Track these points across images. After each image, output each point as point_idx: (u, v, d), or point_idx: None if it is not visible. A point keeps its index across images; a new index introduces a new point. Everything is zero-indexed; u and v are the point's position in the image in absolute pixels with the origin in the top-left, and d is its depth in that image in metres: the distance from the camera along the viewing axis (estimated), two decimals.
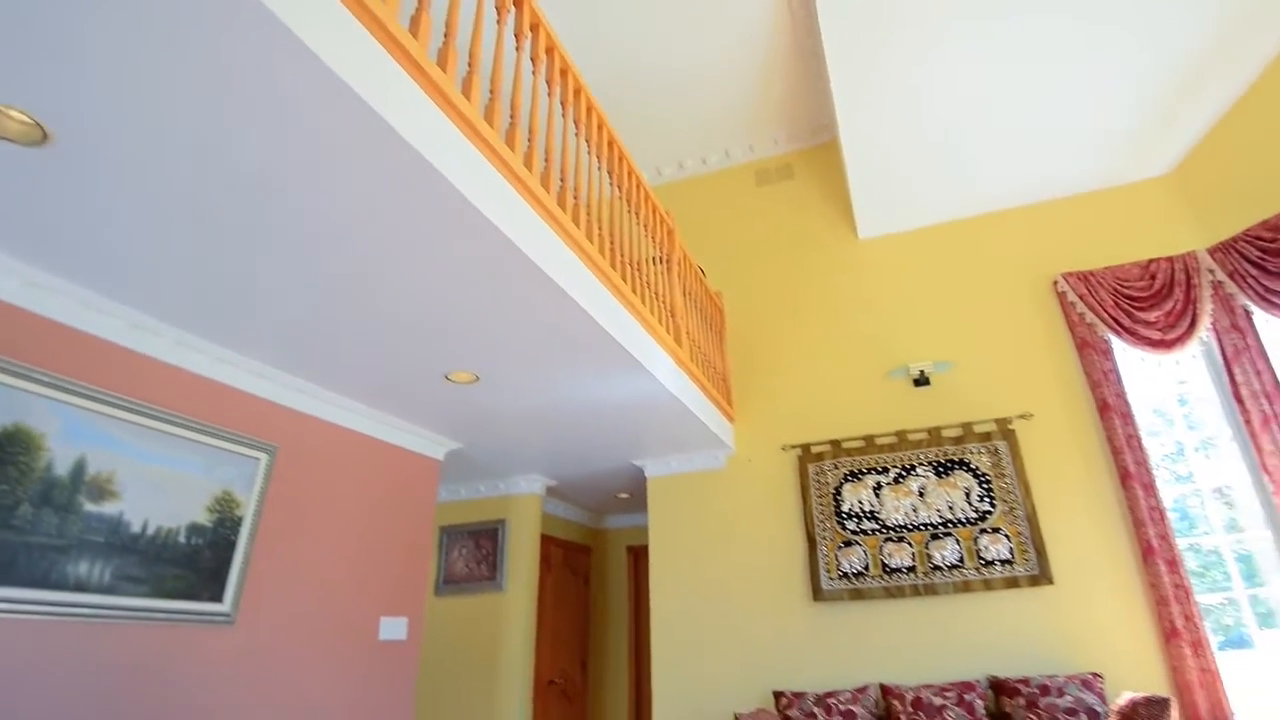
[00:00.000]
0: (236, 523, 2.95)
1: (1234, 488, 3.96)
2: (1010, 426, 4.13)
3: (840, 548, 4.11)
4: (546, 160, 2.61)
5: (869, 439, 4.33)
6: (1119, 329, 4.14)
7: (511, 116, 2.39)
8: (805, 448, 4.45)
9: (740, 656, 4.12)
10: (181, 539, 2.73)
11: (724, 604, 4.27)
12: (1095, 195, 4.66)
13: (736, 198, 5.66)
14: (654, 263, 3.90)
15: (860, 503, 4.18)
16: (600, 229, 3.01)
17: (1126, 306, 4.19)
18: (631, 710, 6.05)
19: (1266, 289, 3.86)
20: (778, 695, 3.70)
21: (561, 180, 2.74)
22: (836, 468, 4.31)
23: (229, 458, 2.96)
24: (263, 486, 3.09)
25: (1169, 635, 3.51)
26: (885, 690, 3.60)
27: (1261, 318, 3.93)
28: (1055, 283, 4.43)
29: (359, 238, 2.19)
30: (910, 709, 3.41)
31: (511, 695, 4.52)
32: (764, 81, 5.16)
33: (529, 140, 2.54)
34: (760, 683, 4.00)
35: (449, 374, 3.26)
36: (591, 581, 6.57)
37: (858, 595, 3.97)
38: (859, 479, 4.24)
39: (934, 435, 4.24)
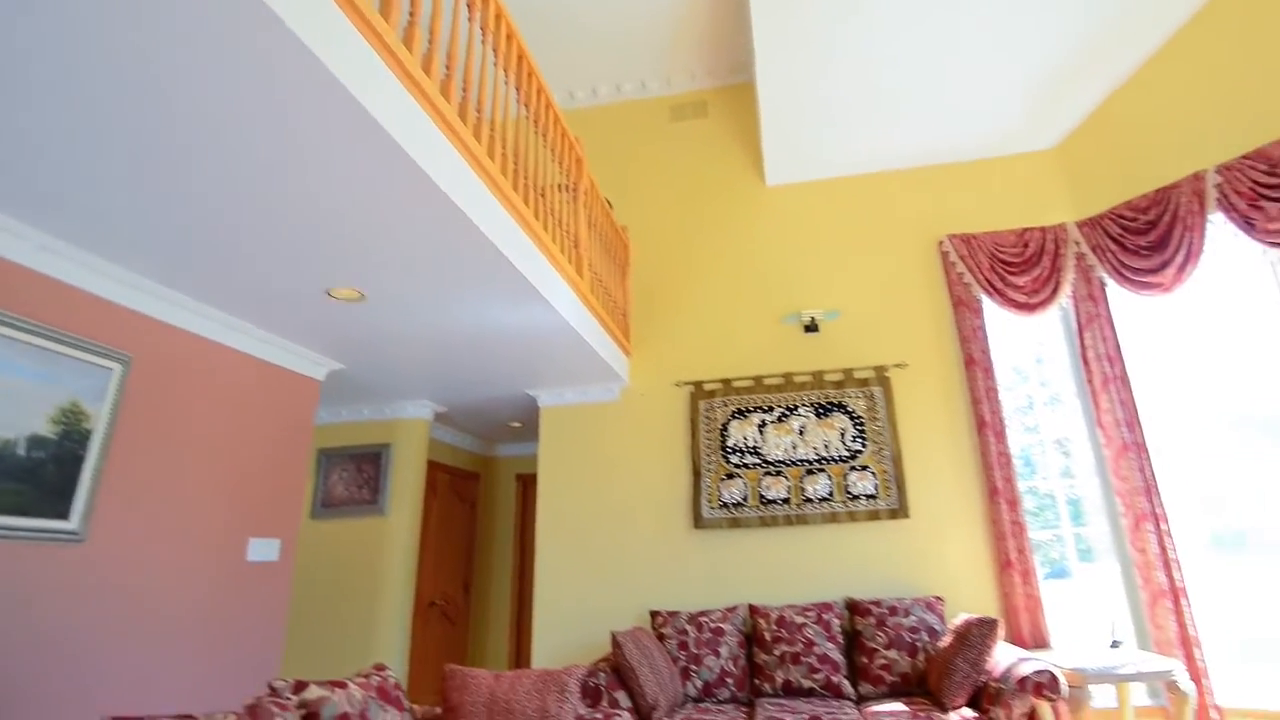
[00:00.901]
0: (85, 436, 2.75)
1: (1072, 440, 4.51)
2: (887, 374, 4.49)
3: (723, 480, 4.39)
4: (448, 68, 2.48)
5: (758, 379, 4.58)
6: (991, 290, 4.52)
7: (411, 13, 2.25)
8: (698, 385, 4.66)
9: (622, 581, 4.37)
10: (20, 451, 2.52)
11: (609, 531, 4.49)
12: (985, 163, 4.97)
13: (649, 131, 5.62)
14: (560, 190, 3.84)
15: (745, 439, 4.46)
16: (504, 149, 2.92)
17: (1000, 270, 4.57)
18: (512, 630, 6.32)
19: (1122, 264, 4.32)
20: (654, 615, 3.98)
21: (464, 92, 2.63)
22: (726, 405, 4.55)
23: (77, 366, 2.74)
24: (116, 399, 2.89)
25: (1003, 565, 4.03)
26: (753, 610, 3.94)
27: (1114, 289, 4.40)
28: (940, 243, 4.74)
29: (236, 140, 2.02)
30: (775, 626, 3.77)
31: (392, 616, 4.60)
32: (688, 10, 5.07)
33: (429, 43, 2.40)
34: (640, 605, 4.28)
35: (331, 290, 3.12)
36: (479, 508, 6.68)
37: (736, 524, 4.29)
38: (746, 416, 4.51)
39: (818, 379, 4.54)
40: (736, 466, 4.41)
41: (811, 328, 4.64)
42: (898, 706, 3.26)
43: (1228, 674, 3.71)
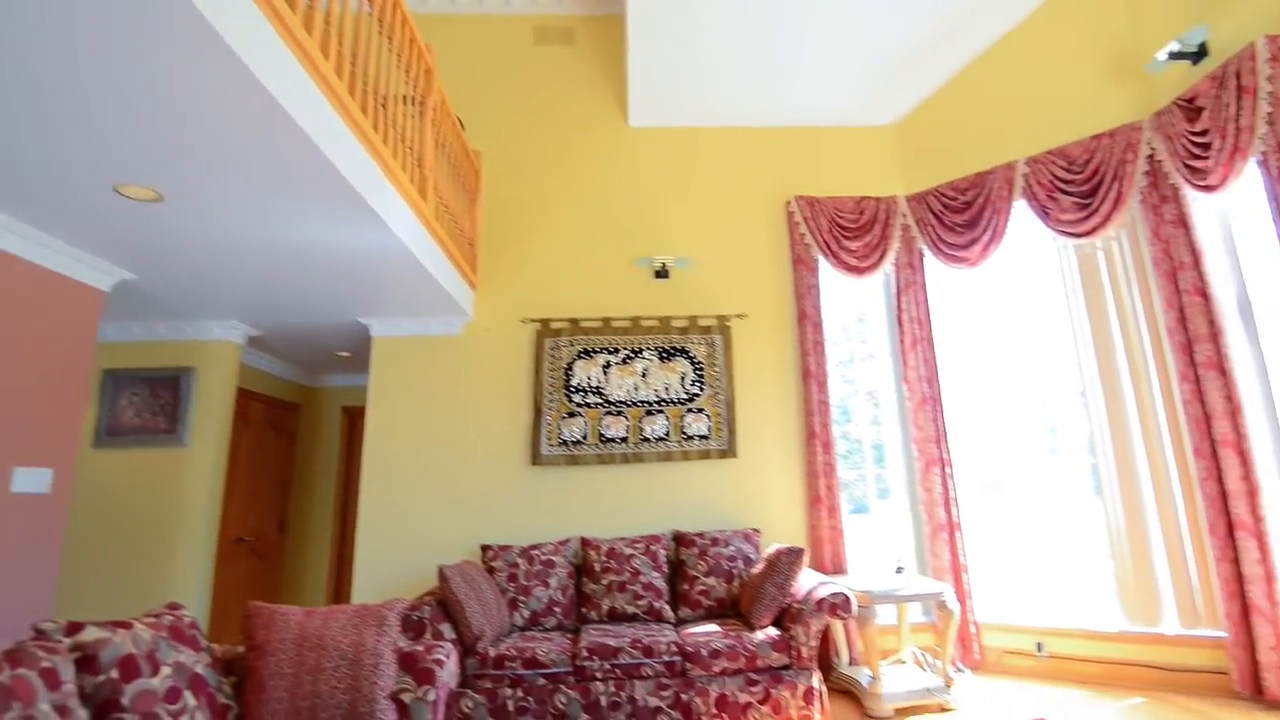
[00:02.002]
0: None
1: (881, 392, 5.07)
2: (728, 323, 4.76)
3: (564, 418, 4.48)
4: None
5: (606, 321, 4.67)
6: (828, 251, 4.90)
7: None
8: (544, 323, 4.66)
9: (454, 516, 4.36)
10: None
11: (442, 467, 4.43)
12: (834, 131, 5.29)
13: (510, 51, 5.37)
14: (405, 103, 3.59)
15: (589, 379, 4.56)
16: (340, 45, 2.67)
17: (838, 233, 4.95)
18: (333, 569, 6.11)
19: (940, 238, 4.83)
20: (485, 549, 4.03)
21: None
22: (572, 344, 4.61)
23: None
24: None
25: (814, 501, 4.51)
26: (585, 542, 4.12)
27: (930, 260, 4.93)
28: (788, 203, 5.04)
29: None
30: (604, 558, 3.97)
31: (192, 554, 4.26)
32: None
33: None
34: (472, 540, 4.31)
35: (120, 186, 2.72)
36: (299, 440, 6.29)
37: (573, 461, 4.41)
38: (591, 357, 4.60)
39: (664, 324, 4.72)
40: (579, 405, 4.51)
41: (662, 273, 4.78)
42: (712, 627, 3.59)
43: (986, 595, 4.45)
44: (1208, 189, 3.74)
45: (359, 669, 2.52)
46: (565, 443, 4.45)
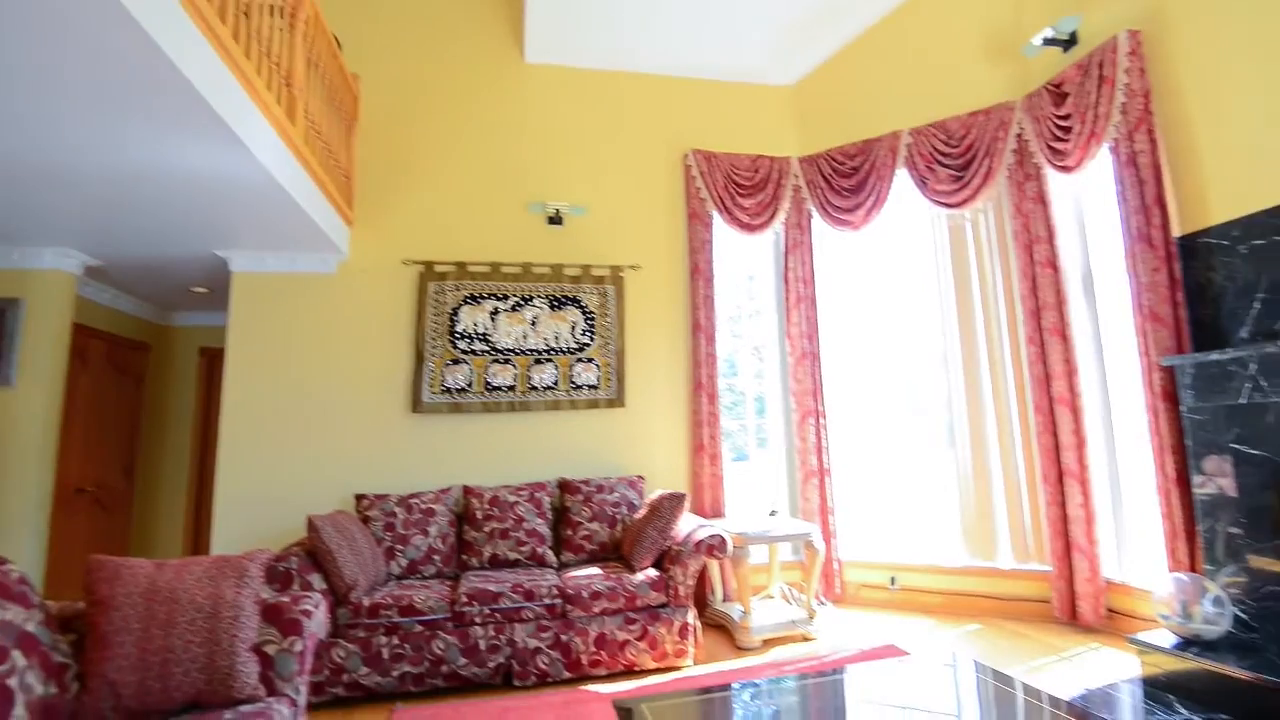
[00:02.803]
0: None
1: (765, 347, 5.30)
2: (621, 274, 4.78)
3: (448, 365, 4.38)
4: None
5: (495, 266, 4.56)
6: (722, 208, 4.98)
7: None
8: (429, 265, 4.49)
9: (327, 465, 4.19)
10: None
11: (313, 413, 4.23)
12: (735, 87, 5.32)
13: None
14: (272, 13, 3.27)
15: (476, 325, 4.46)
16: None
17: (732, 190, 5.04)
18: (190, 521, 5.74)
19: (827, 200, 5.03)
20: (359, 498, 3.92)
21: None
22: (458, 289, 4.48)
23: None
24: None
25: (696, 450, 4.69)
26: (467, 490, 4.09)
27: (818, 222, 5.12)
28: (686, 156, 5.06)
29: None
30: (487, 505, 3.98)
31: (22, 505, 3.85)
32: None
33: None
34: (346, 489, 4.17)
35: None
36: (149, 383, 5.80)
37: (457, 409, 4.34)
38: (478, 303, 4.49)
39: (556, 271, 4.67)
40: (464, 353, 4.42)
41: (556, 220, 4.71)
42: (593, 570, 3.70)
43: (849, 535, 4.85)
44: (1065, 170, 4.09)
45: (217, 622, 2.41)
46: (449, 390, 4.36)
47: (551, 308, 4.61)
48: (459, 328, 4.44)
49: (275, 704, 2.21)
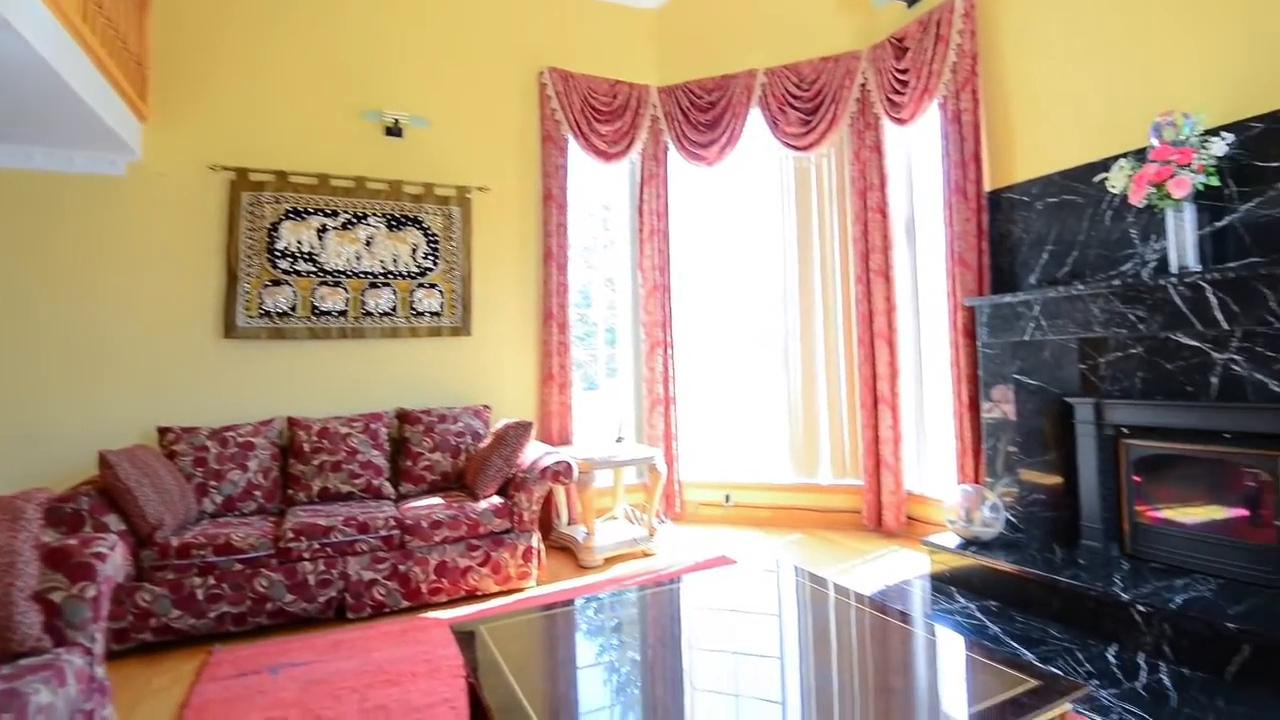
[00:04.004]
0: None
1: (618, 279, 5.31)
2: (468, 195, 4.52)
3: (266, 286, 3.95)
4: None
5: (323, 178, 4.13)
6: (578, 132, 4.82)
7: None
8: (242, 173, 3.96)
9: (121, 396, 3.68)
10: None
11: (101, 337, 3.67)
12: (597, 6, 5.07)
13: None
14: None
15: (300, 243, 4.05)
16: None
17: (589, 114, 4.88)
18: None
19: (683, 134, 5.01)
20: (163, 431, 3.51)
21: None
22: (278, 202, 4.02)
23: None
24: None
25: (545, 379, 4.66)
26: (293, 422, 3.79)
27: (673, 155, 5.11)
28: (541, 74, 4.81)
29: None
30: (315, 438, 3.72)
31: None
32: None
33: None
34: (146, 422, 3.70)
35: None
36: None
37: (279, 334, 3.96)
38: (303, 218, 4.07)
39: (394, 189, 4.32)
40: (286, 273, 4.00)
41: (394, 131, 4.33)
42: (434, 500, 3.61)
43: (690, 458, 5.11)
44: (900, 122, 4.35)
45: None
46: (268, 314, 3.95)
47: (389, 228, 4.28)
48: (280, 245, 4.00)
49: (65, 654, 1.98)
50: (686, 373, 5.18)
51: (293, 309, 3.99)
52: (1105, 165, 3.28)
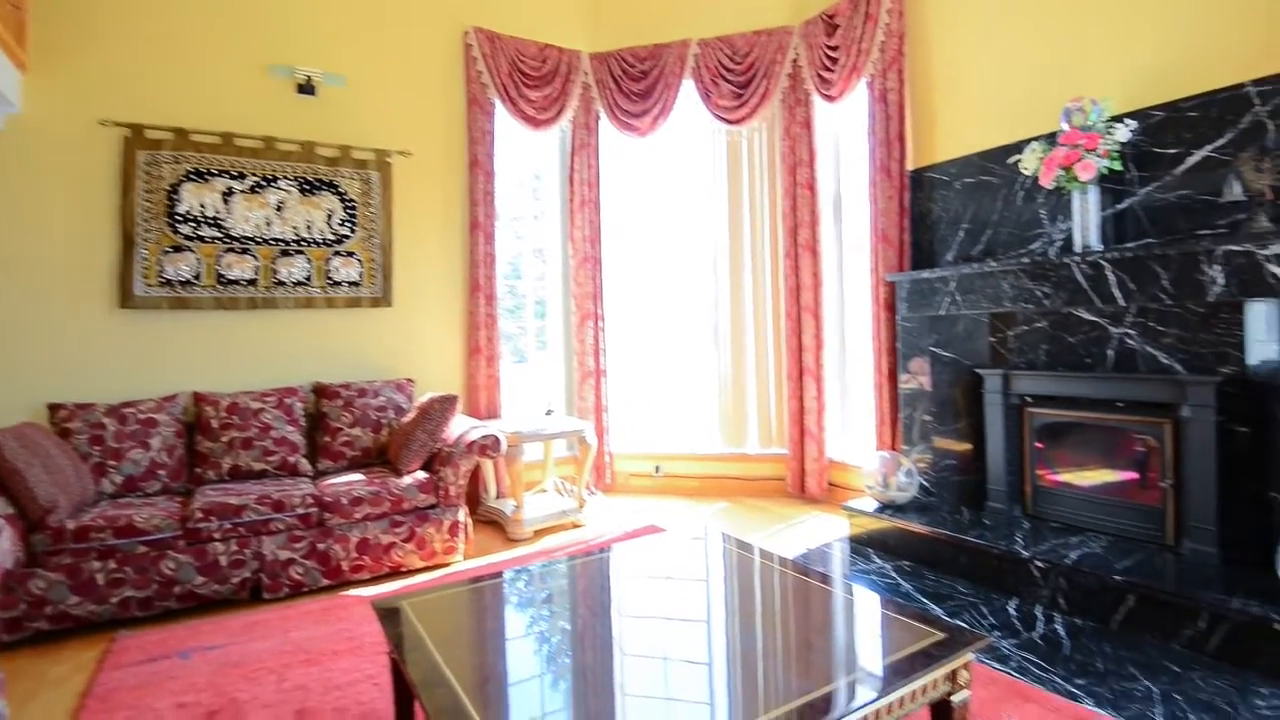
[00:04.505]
0: None
1: (548, 250, 5.23)
2: (388, 160, 4.33)
3: (167, 252, 3.68)
4: None
5: (228, 137, 3.86)
6: (506, 97, 4.68)
7: None
8: (137, 129, 3.65)
9: (1, 369, 3.40)
10: None
11: None
12: None
13: None
14: None
15: (203, 207, 3.78)
16: None
17: (518, 79, 4.74)
18: None
19: (616, 103, 4.94)
20: (54, 408, 3.25)
21: None
22: (178, 162, 3.73)
23: None
24: None
25: (472, 352, 4.56)
26: (199, 398, 3.59)
27: (605, 124, 5.03)
28: (466, 34, 4.63)
29: None
30: (225, 413, 3.53)
31: None
32: None
33: None
34: (34, 397, 3.40)
35: None
36: None
37: (182, 304, 3.71)
38: (206, 180, 3.80)
39: (307, 150, 4.08)
40: (188, 239, 3.74)
41: (307, 89, 4.09)
42: (355, 476, 3.50)
43: (621, 430, 5.14)
44: (830, 99, 4.42)
45: None
46: (170, 282, 3.69)
47: (302, 192, 4.06)
48: (181, 209, 3.73)
49: None
50: (617, 345, 5.18)
51: (196, 277, 3.75)
52: (1019, 148, 3.43)
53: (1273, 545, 2.44)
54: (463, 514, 3.59)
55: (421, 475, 3.52)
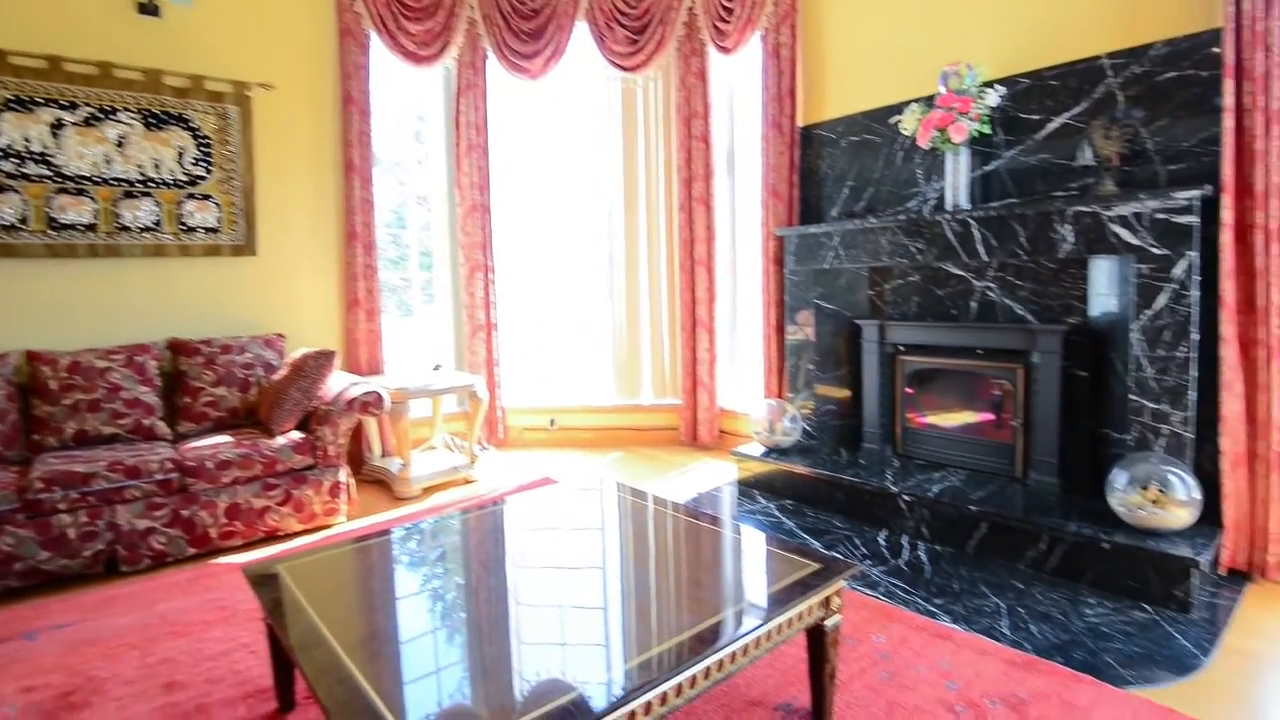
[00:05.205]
0: None
1: (433, 198, 4.99)
2: (248, 93, 3.94)
3: None
4: None
5: (55, 61, 3.36)
6: (383, 29, 4.35)
7: None
8: None
9: None
10: None
11: None
12: None
13: None
14: None
15: (27, 140, 3.30)
16: None
17: (396, 9, 4.40)
18: None
19: (505, 42, 4.70)
20: None
21: None
22: None
23: None
24: None
25: (350, 305, 4.32)
26: (33, 356, 3.19)
27: (494, 64, 4.79)
28: None
29: None
30: (65, 374, 3.17)
31: None
32: None
33: None
34: None
35: None
36: None
37: (7, 252, 3.24)
38: (30, 110, 3.31)
39: (152, 80, 3.65)
40: (11, 177, 3.25)
41: (149, 8, 3.63)
42: (221, 438, 3.27)
43: (514, 384, 5.09)
44: (725, 50, 4.42)
45: None
46: None
47: (148, 126, 3.63)
48: (1, 143, 3.25)
49: None
50: (509, 298, 5.08)
51: (23, 221, 3.30)
52: (901, 109, 3.58)
53: (1104, 475, 2.76)
54: (344, 474, 3.45)
55: (297, 435, 3.34)
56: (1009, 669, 2.05)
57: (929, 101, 3.42)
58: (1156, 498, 2.49)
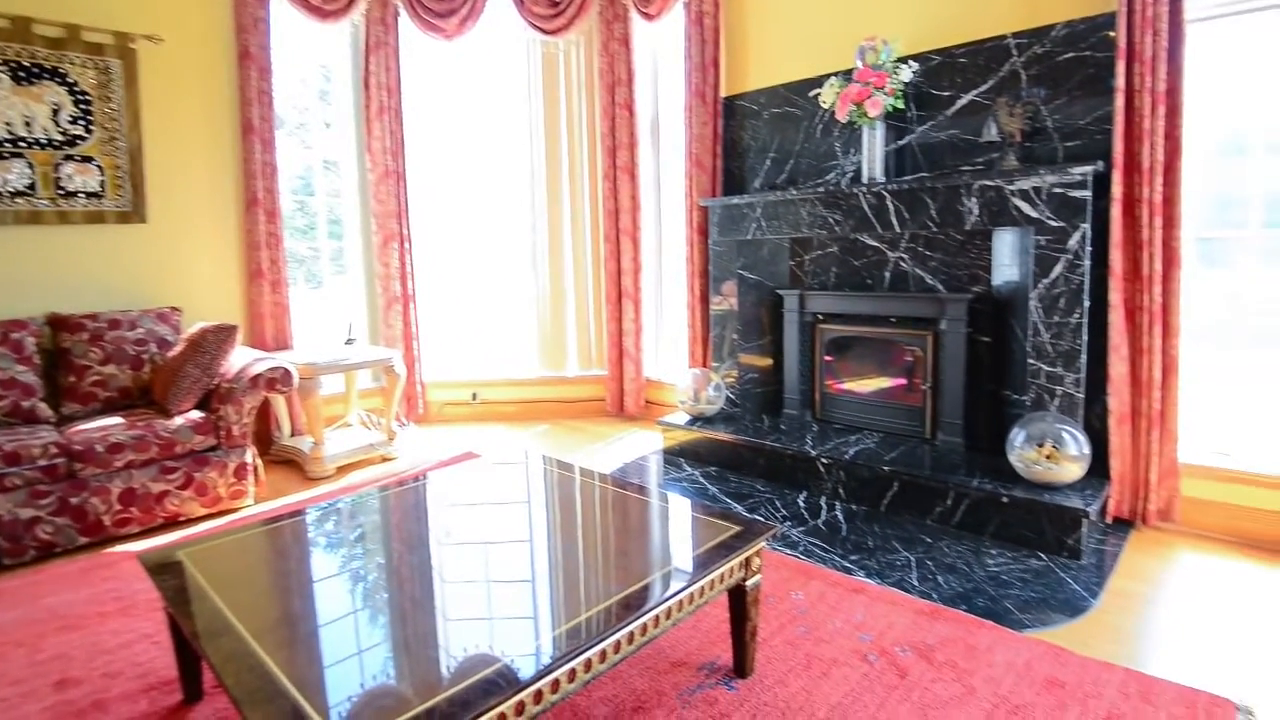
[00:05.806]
0: None
1: (342, 163, 4.74)
2: (132, 45, 3.61)
3: None
4: None
5: None
6: None
7: None
8: None
9: None
10: None
11: None
12: None
13: None
14: None
15: None
16: None
17: None
18: None
19: None
20: None
21: None
22: None
23: None
24: None
25: (253, 276, 4.07)
26: None
27: (406, 23, 4.55)
28: None
29: None
30: None
31: None
32: None
33: None
34: None
35: None
36: None
37: None
38: None
39: (20, 28, 3.27)
40: None
41: None
42: (113, 420, 3.04)
43: (433, 358, 4.96)
44: (648, 17, 4.36)
45: None
46: None
47: (16, 80, 3.27)
48: None
49: None
50: (427, 269, 4.90)
51: None
52: (820, 82, 3.63)
53: (1005, 434, 2.94)
54: (250, 454, 3.28)
55: (196, 415, 3.15)
56: (917, 618, 2.18)
57: (847, 76, 3.48)
58: (1051, 454, 2.67)
